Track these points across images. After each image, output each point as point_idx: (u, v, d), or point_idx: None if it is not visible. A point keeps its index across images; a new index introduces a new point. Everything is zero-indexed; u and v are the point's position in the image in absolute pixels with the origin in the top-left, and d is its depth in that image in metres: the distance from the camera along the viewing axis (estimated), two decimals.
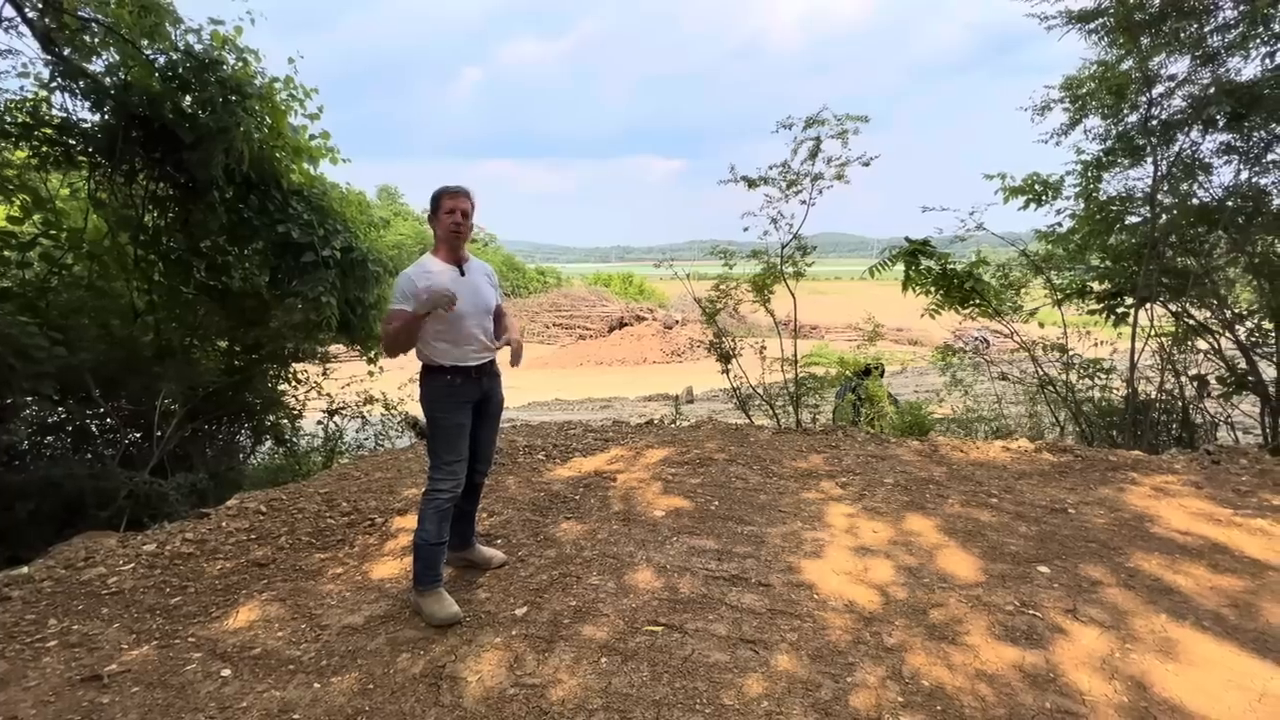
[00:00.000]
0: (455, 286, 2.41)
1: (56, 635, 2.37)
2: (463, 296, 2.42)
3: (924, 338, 24.93)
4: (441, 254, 2.49)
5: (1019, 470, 3.93)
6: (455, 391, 2.46)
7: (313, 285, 4.88)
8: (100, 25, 4.46)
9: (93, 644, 2.32)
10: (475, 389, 2.51)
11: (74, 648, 2.29)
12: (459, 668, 2.10)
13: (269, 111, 4.95)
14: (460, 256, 2.51)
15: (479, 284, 2.53)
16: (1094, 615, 2.29)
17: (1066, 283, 6.23)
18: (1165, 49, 5.31)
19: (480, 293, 2.52)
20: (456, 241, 2.47)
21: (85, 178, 5.08)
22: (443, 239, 2.47)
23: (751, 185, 6.16)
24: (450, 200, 2.43)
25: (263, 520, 3.44)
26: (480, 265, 2.62)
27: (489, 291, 2.57)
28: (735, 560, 2.78)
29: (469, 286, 2.47)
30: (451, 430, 2.48)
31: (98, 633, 2.39)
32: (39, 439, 4.86)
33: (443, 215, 2.44)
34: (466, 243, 2.54)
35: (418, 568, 2.45)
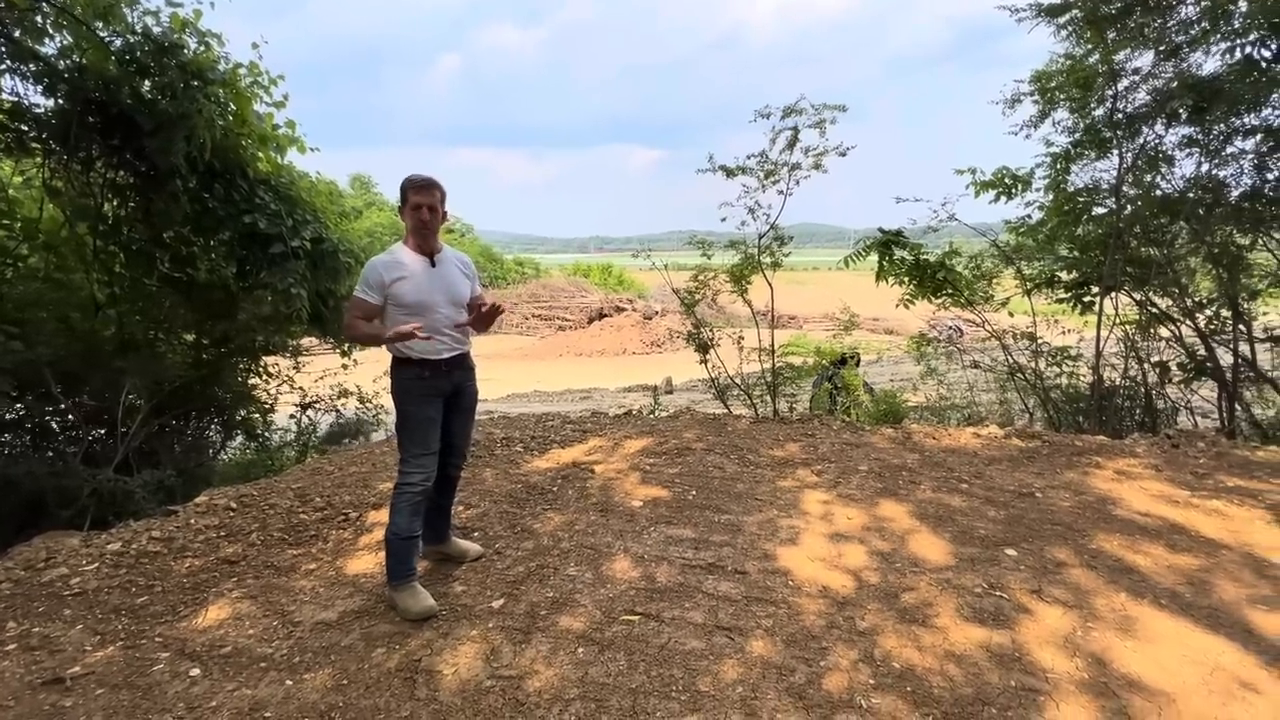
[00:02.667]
0: (425, 278, 2.39)
1: (16, 638, 2.30)
2: (432, 288, 2.39)
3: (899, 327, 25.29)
4: (412, 244, 2.45)
5: (989, 456, 4.02)
6: (425, 384, 2.43)
7: (282, 277, 4.76)
8: (52, 6, 4.27)
9: (54, 646, 2.26)
10: (446, 382, 2.48)
11: (34, 650, 2.23)
12: (435, 661, 2.09)
13: (233, 98, 4.80)
14: (432, 247, 2.46)
15: (451, 275, 2.48)
16: (1058, 595, 2.35)
17: (1036, 273, 6.36)
18: (1130, 44, 5.42)
19: (452, 285, 2.47)
20: (425, 235, 2.43)
21: (39, 165, 4.88)
22: (412, 231, 2.43)
23: (729, 175, 6.17)
24: (416, 195, 2.38)
25: (233, 517, 3.37)
26: (454, 255, 2.56)
27: (462, 283, 2.52)
28: (712, 549, 2.80)
29: (439, 278, 2.44)
30: (421, 423, 2.45)
31: (60, 635, 2.33)
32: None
33: (409, 210, 2.40)
34: (438, 233, 2.49)
35: (390, 562, 2.43)
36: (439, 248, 2.49)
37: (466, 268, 2.58)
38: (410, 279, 2.37)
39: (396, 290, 2.34)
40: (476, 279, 2.64)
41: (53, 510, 4.08)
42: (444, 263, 2.48)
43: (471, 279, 2.59)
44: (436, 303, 2.40)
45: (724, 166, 6.15)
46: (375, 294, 2.35)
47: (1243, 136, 5.24)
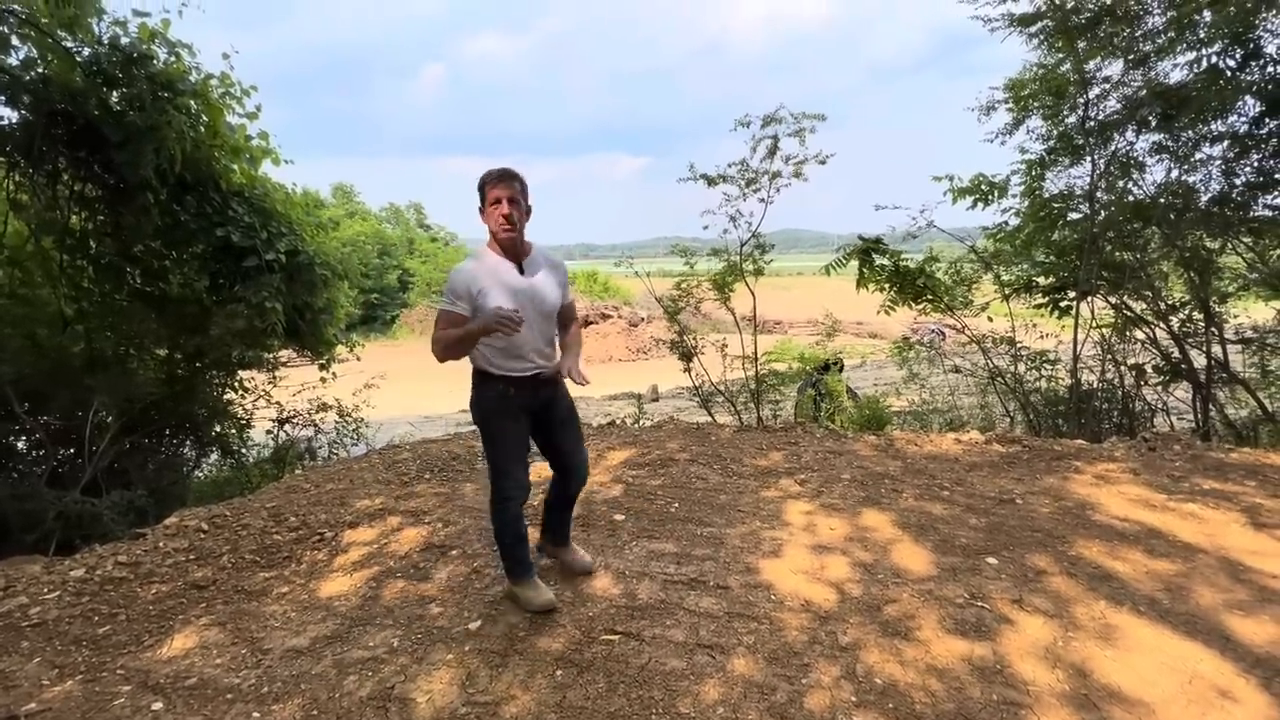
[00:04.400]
0: (513, 289, 2.16)
1: None
2: (519, 297, 2.16)
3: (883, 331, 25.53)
4: (497, 247, 2.21)
5: (970, 462, 4.04)
6: (508, 403, 2.26)
7: (256, 290, 4.68)
8: (15, 16, 4.17)
9: (10, 681, 2.16)
10: (533, 399, 2.31)
11: None
12: (409, 688, 2.03)
13: (204, 109, 4.72)
14: (520, 251, 2.22)
15: (541, 285, 2.24)
16: (1039, 604, 2.35)
17: (1014, 278, 6.44)
18: (1100, 53, 5.53)
19: (542, 296, 2.23)
20: (510, 237, 2.17)
21: (3, 179, 4.76)
22: (495, 231, 2.18)
23: (711, 183, 6.17)
24: (494, 188, 2.13)
25: (203, 539, 3.28)
26: (545, 258, 2.30)
27: (552, 293, 2.27)
28: (694, 563, 2.77)
29: (528, 288, 2.20)
30: (502, 437, 2.28)
31: (16, 669, 2.23)
32: None
33: (489, 207, 2.15)
34: (524, 233, 2.23)
35: (506, 564, 2.44)
36: (528, 250, 2.26)
37: (557, 272, 2.33)
38: (494, 287, 2.15)
39: (483, 302, 2.12)
40: (567, 285, 2.40)
41: (16, 534, 3.95)
42: (533, 267, 2.25)
43: (563, 286, 2.35)
44: (525, 316, 2.14)
45: (705, 175, 6.15)
46: (463, 303, 2.14)
47: (1210, 143, 5.35)
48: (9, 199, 4.73)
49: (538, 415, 2.38)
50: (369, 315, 35.87)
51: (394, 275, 39.33)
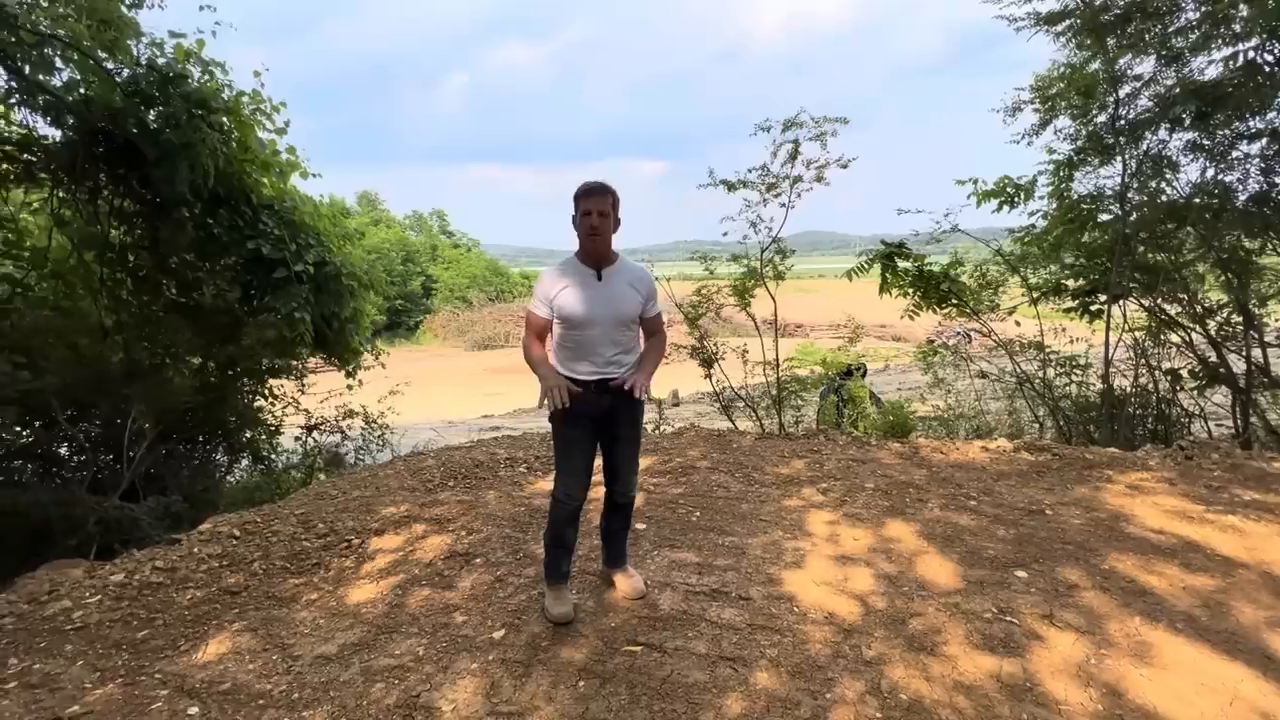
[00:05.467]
0: (587, 293, 2.30)
1: (16, 676, 2.30)
2: (593, 305, 2.29)
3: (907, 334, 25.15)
4: (582, 255, 2.35)
5: (998, 471, 3.96)
6: (571, 404, 2.28)
7: (286, 301, 4.80)
8: (59, 40, 4.35)
9: (55, 684, 2.25)
10: (594, 404, 2.33)
11: (34, 688, 2.22)
12: (434, 697, 2.06)
13: (236, 126, 4.86)
14: (601, 259, 2.34)
15: (617, 293, 2.33)
16: (1070, 620, 2.30)
17: (1042, 281, 6.31)
18: (1131, 50, 5.40)
19: (617, 303, 2.33)
20: (594, 244, 2.30)
21: (47, 195, 4.96)
22: (582, 240, 2.32)
23: (730, 189, 6.16)
24: (586, 201, 2.27)
25: (236, 545, 3.37)
26: (629, 271, 2.39)
27: (630, 302, 2.35)
28: (716, 573, 2.76)
29: (603, 294, 2.31)
30: (565, 442, 2.40)
31: (60, 671, 2.32)
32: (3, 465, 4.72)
33: (580, 218, 2.29)
34: (610, 244, 2.36)
35: (544, 562, 2.55)
36: (611, 260, 2.36)
37: (640, 284, 2.39)
38: (571, 290, 2.29)
39: (559, 303, 2.28)
40: (654, 298, 2.44)
41: (59, 539, 4.10)
42: (612, 276, 2.34)
43: (645, 298, 2.39)
44: (596, 319, 2.28)
45: (725, 181, 6.15)
46: (543, 307, 2.30)
47: (1248, 141, 5.19)
48: (53, 214, 4.92)
49: (601, 423, 2.41)
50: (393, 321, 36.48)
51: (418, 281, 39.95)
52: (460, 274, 42.17)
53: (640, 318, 2.41)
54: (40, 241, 5.13)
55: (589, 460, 2.44)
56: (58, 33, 4.28)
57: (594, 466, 2.48)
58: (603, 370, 2.34)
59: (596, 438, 2.45)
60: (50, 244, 5.07)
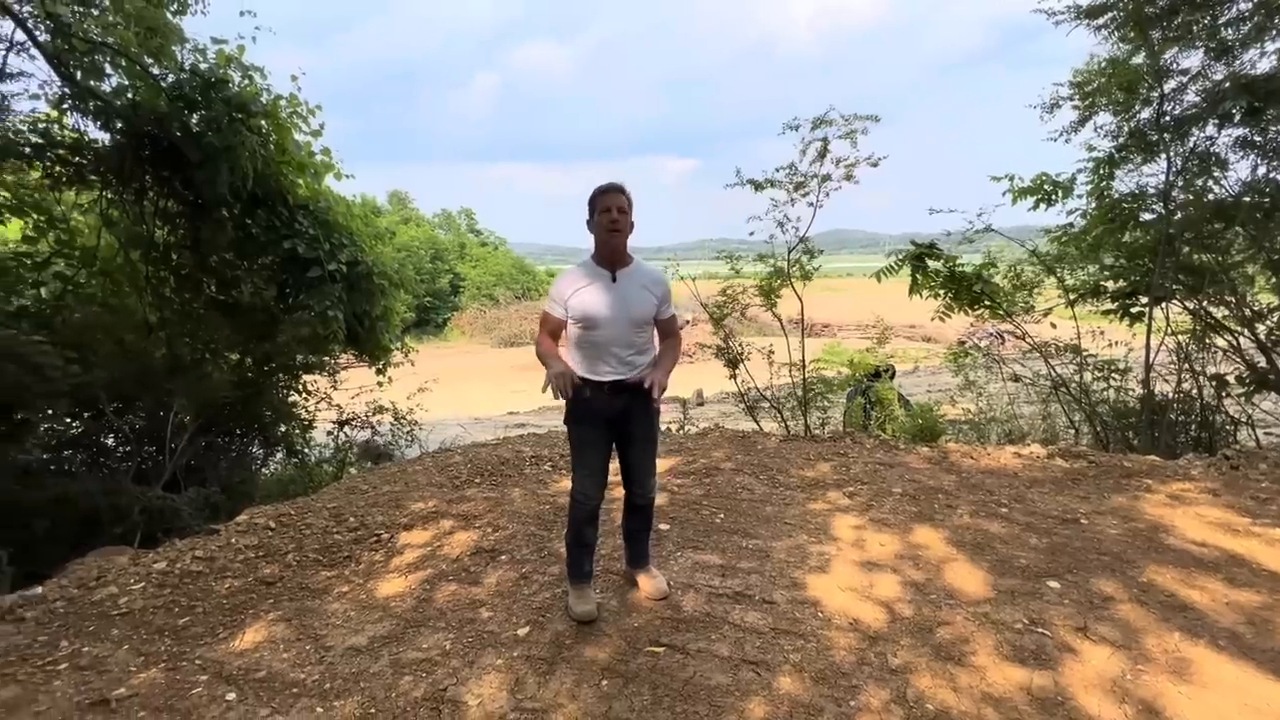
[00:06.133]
0: (602, 294, 2.32)
1: (68, 658, 2.41)
2: (608, 306, 2.30)
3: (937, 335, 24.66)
4: (597, 256, 2.37)
5: (1030, 478, 3.87)
6: (585, 405, 2.34)
7: (320, 299, 4.93)
8: (109, 48, 4.52)
9: (102, 667, 2.35)
10: (608, 406, 2.36)
11: (84, 670, 2.32)
12: (460, 691, 2.10)
13: (274, 129, 5.00)
14: (616, 261, 2.36)
15: (631, 294, 2.34)
16: (1105, 634, 2.24)
17: (1079, 283, 6.13)
18: (1177, 43, 5.21)
19: (632, 305, 2.33)
20: (613, 243, 2.31)
21: (97, 196, 5.16)
22: (600, 241, 2.34)
23: (758, 188, 6.12)
24: (604, 199, 2.30)
25: (271, 537, 3.47)
26: (643, 273, 2.40)
27: (644, 302, 2.36)
28: (739, 576, 2.76)
29: (617, 296, 2.32)
30: (580, 443, 2.42)
31: (107, 655, 2.42)
32: (55, 455, 4.94)
33: (599, 215, 2.30)
34: (626, 245, 2.37)
35: (566, 561, 2.57)
36: (626, 262, 2.37)
37: (655, 286, 2.40)
38: (586, 292, 2.31)
39: (574, 304, 2.30)
40: (669, 300, 2.45)
41: (106, 527, 4.27)
42: (626, 278, 2.35)
43: (660, 299, 2.41)
44: (611, 320, 2.29)
45: (752, 180, 6.11)
46: (558, 308, 2.33)
47: None
48: (102, 215, 5.13)
49: (616, 424, 2.42)
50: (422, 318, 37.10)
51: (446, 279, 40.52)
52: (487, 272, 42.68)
53: (655, 319, 2.43)
54: (90, 241, 5.34)
55: (604, 461, 2.46)
56: (108, 40, 4.45)
57: (610, 467, 2.50)
58: (617, 371, 2.36)
59: (611, 438, 2.47)
60: (99, 243, 5.28)
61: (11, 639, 2.55)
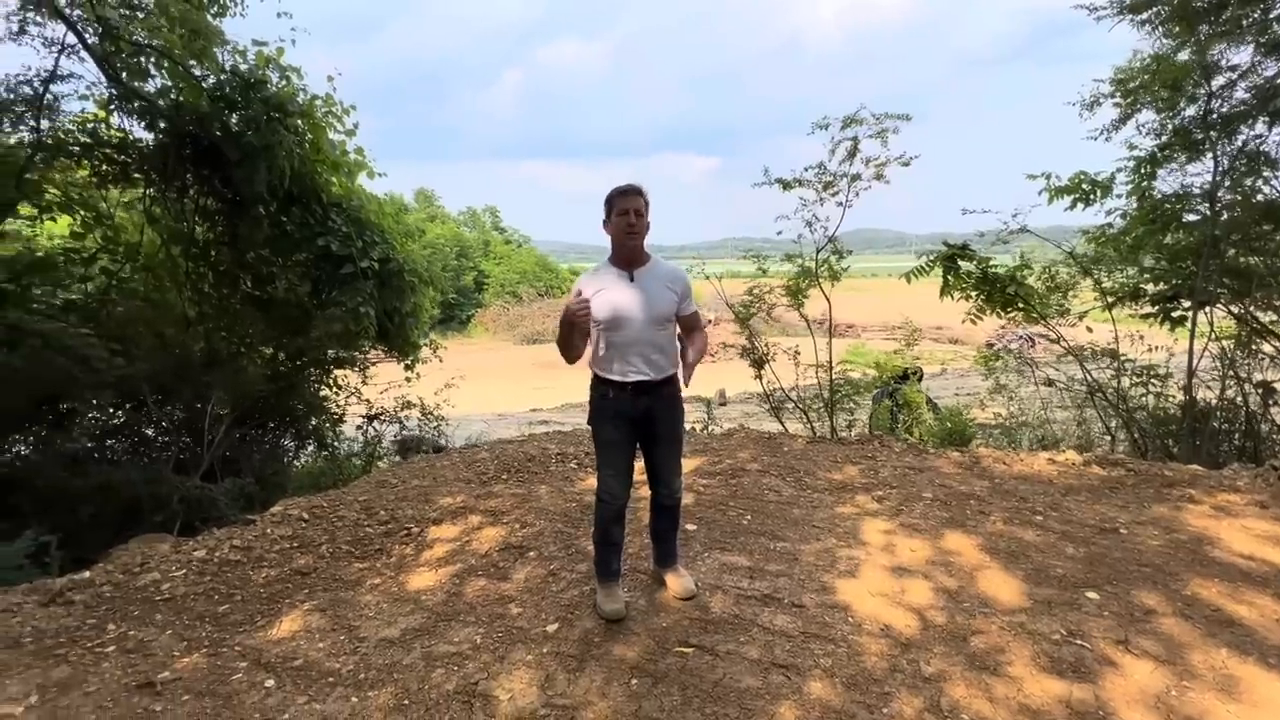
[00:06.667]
0: (622, 294, 2.32)
1: (115, 641, 2.49)
2: (628, 305, 2.30)
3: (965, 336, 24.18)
4: (615, 257, 2.39)
5: (1066, 485, 3.78)
6: (608, 405, 2.37)
7: (352, 296, 5.02)
8: (154, 50, 4.66)
9: (147, 650, 2.43)
10: (631, 407, 2.36)
11: (130, 654, 2.40)
12: (491, 685, 2.13)
13: (310, 128, 5.10)
14: (634, 260, 2.36)
15: (651, 291, 2.34)
16: (1147, 648, 2.18)
17: (1118, 285, 5.96)
18: (1225, 38, 5.03)
19: (652, 303, 2.32)
20: (630, 245, 2.33)
21: (141, 194, 5.32)
22: (617, 242, 2.35)
23: (786, 187, 6.07)
24: (622, 200, 2.31)
25: (305, 528, 3.55)
26: (662, 270, 2.40)
27: (665, 302, 2.35)
28: (768, 579, 2.74)
29: (637, 295, 2.32)
30: (604, 443, 2.43)
31: (152, 639, 2.50)
32: (98, 444, 5.11)
33: (616, 217, 2.32)
34: (643, 245, 2.38)
35: (594, 560, 2.58)
36: (643, 261, 2.38)
37: (675, 283, 2.40)
38: (606, 293, 2.32)
39: (595, 304, 2.29)
40: (689, 297, 2.44)
41: (147, 515, 4.41)
42: (645, 277, 2.36)
43: (681, 296, 2.40)
44: (631, 319, 2.29)
45: (780, 179, 6.06)
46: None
47: None
48: (146, 212, 5.29)
49: (639, 424, 2.43)
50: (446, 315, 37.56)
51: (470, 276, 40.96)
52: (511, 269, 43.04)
53: (677, 316, 2.42)
54: (133, 237, 5.51)
55: (629, 460, 2.47)
56: (153, 42, 4.58)
57: (635, 466, 2.50)
58: (641, 371, 2.35)
59: (636, 438, 2.47)
60: (142, 239, 5.45)
61: (62, 621, 2.65)
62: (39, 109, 4.67)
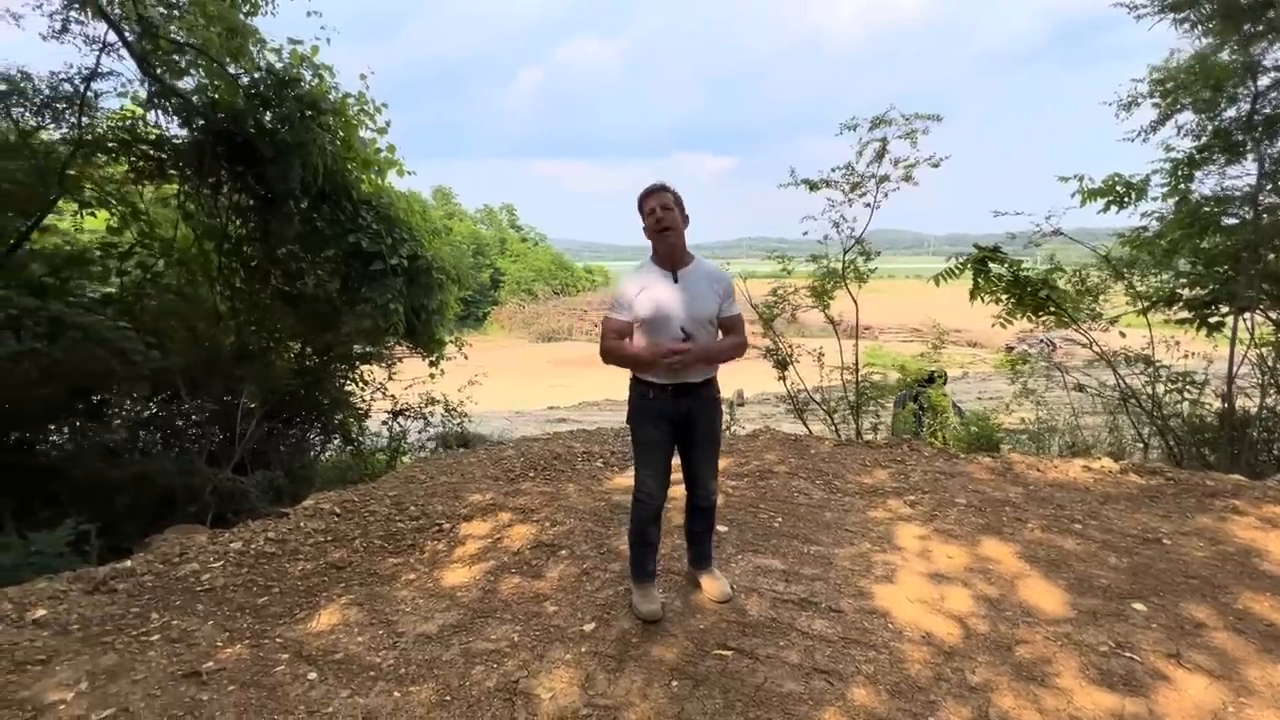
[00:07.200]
0: (666, 294, 2.30)
1: (159, 629, 2.53)
2: (672, 306, 2.28)
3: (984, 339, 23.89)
4: (656, 257, 2.37)
5: (1103, 493, 3.71)
6: (648, 405, 2.36)
7: (381, 292, 5.06)
8: (192, 48, 4.73)
9: (191, 640, 2.46)
10: (671, 408, 2.35)
11: (175, 643, 2.44)
12: (532, 684, 2.13)
13: (342, 126, 5.15)
14: (676, 260, 2.34)
15: (695, 293, 2.32)
16: (1200, 662, 2.13)
17: (1153, 289, 5.84)
18: (1266, 37, 4.91)
19: (695, 303, 2.31)
20: (666, 240, 2.30)
21: (176, 190, 5.41)
22: (653, 240, 2.35)
23: (813, 188, 6.04)
24: (649, 200, 2.31)
25: (337, 522, 3.58)
26: (705, 271, 2.39)
27: (708, 302, 2.33)
28: (803, 582, 2.72)
29: (680, 295, 2.30)
30: (643, 444, 2.42)
31: (195, 629, 2.54)
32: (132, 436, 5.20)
33: (646, 217, 2.32)
34: (683, 242, 2.36)
35: (629, 560, 2.57)
36: (686, 261, 2.36)
37: (718, 284, 2.38)
38: (650, 293, 2.30)
39: (640, 305, 2.30)
40: (731, 297, 2.41)
41: (180, 505, 4.48)
42: (688, 277, 2.34)
43: (723, 297, 2.37)
44: (675, 320, 2.27)
45: (808, 180, 6.03)
46: (625, 312, 2.33)
47: None
48: (180, 208, 5.37)
49: (679, 425, 2.41)
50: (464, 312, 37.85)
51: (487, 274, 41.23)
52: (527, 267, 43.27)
53: (718, 317, 2.39)
54: (167, 233, 5.60)
55: (668, 461, 2.46)
56: (192, 40, 4.65)
57: (673, 466, 2.49)
58: (682, 374, 2.32)
59: (674, 440, 2.46)
60: (176, 235, 5.53)
61: (106, 609, 2.69)
62: (80, 106, 4.76)
